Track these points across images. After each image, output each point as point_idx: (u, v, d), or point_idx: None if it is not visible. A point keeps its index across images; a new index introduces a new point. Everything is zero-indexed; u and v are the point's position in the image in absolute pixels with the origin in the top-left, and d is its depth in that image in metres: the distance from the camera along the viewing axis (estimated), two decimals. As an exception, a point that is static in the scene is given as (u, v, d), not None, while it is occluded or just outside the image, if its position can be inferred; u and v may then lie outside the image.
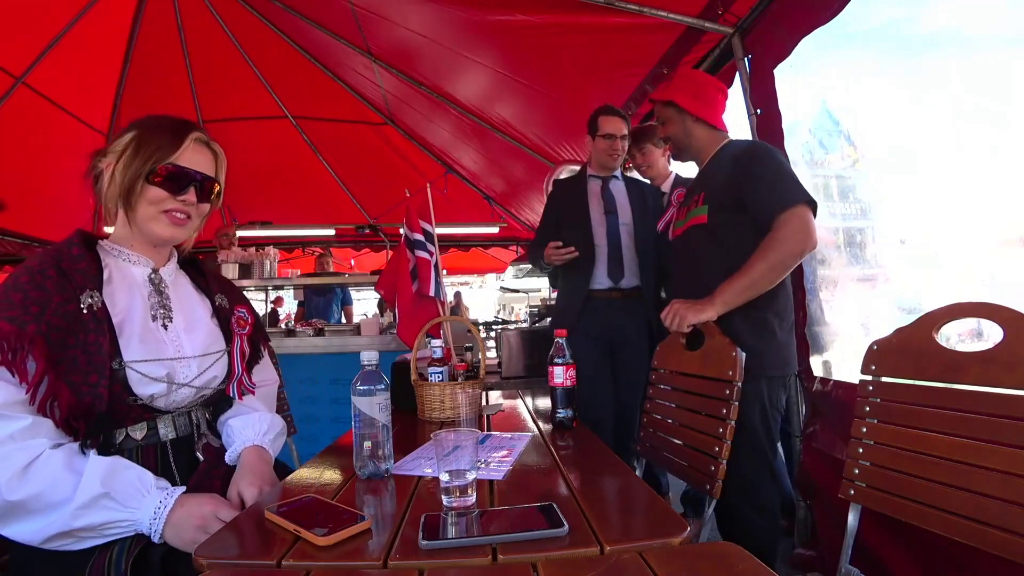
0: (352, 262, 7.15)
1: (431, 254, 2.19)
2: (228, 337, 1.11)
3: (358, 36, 3.28)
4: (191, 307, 1.09)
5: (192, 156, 1.01)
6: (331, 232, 5.72)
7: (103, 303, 0.92)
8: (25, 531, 0.80)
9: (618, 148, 2.17)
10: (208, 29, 3.59)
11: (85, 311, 0.89)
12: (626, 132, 2.18)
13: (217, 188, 1.06)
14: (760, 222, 1.43)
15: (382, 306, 4.42)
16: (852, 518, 1.05)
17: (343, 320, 5.48)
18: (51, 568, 0.83)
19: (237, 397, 1.09)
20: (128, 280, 1.00)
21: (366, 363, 0.98)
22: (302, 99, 4.36)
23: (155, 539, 0.83)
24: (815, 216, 1.41)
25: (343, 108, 4.32)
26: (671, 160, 2.37)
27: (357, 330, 3.30)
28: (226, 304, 1.15)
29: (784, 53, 1.77)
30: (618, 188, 2.25)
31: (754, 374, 1.40)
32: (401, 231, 2.35)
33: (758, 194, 1.44)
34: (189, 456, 1.02)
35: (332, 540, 0.67)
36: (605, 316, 2.13)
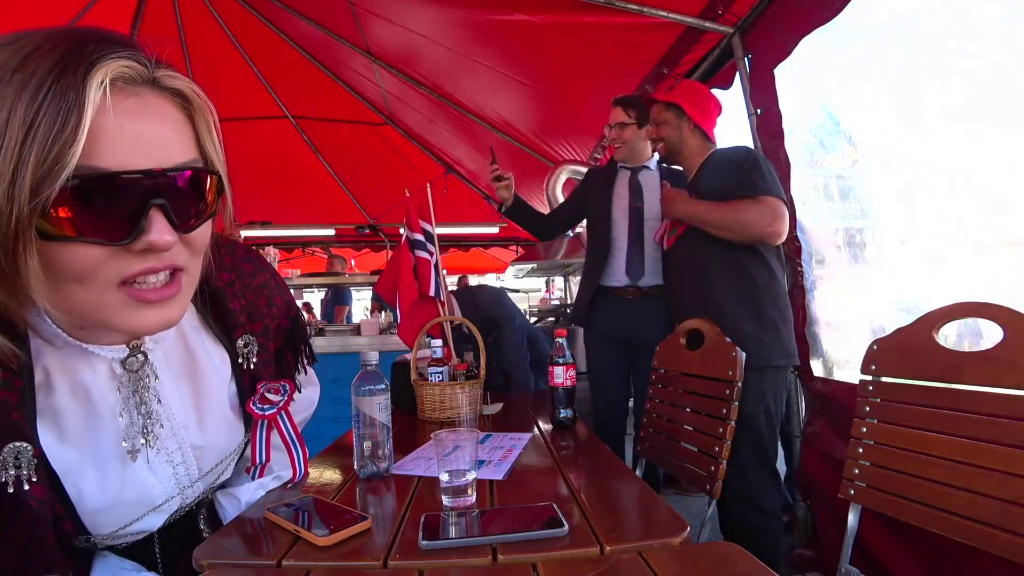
0: (352, 262, 7.15)
1: (431, 254, 2.18)
2: (248, 416, 0.76)
3: (358, 36, 3.28)
4: (198, 392, 0.70)
5: (122, 127, 0.45)
6: (331, 232, 5.72)
7: (41, 457, 0.53)
8: None
9: (612, 136, 2.09)
10: (208, 29, 3.59)
11: (10, 489, 0.50)
12: (622, 119, 2.07)
13: (213, 179, 0.53)
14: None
15: (381, 308, 4.42)
16: (852, 518, 1.05)
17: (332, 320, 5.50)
18: None
19: (259, 474, 0.80)
20: (84, 388, 0.58)
21: (366, 363, 0.98)
22: (302, 99, 4.36)
23: None
24: (790, 217, 1.54)
25: (343, 108, 4.32)
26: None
27: (357, 330, 3.30)
28: (254, 352, 0.76)
29: (784, 53, 1.77)
30: (649, 179, 2.09)
31: (759, 364, 1.45)
32: (401, 231, 2.34)
33: (740, 189, 1.54)
34: (189, 527, 0.76)
35: (332, 540, 0.67)
36: (619, 315, 2.03)
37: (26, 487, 0.50)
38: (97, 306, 0.48)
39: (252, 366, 0.76)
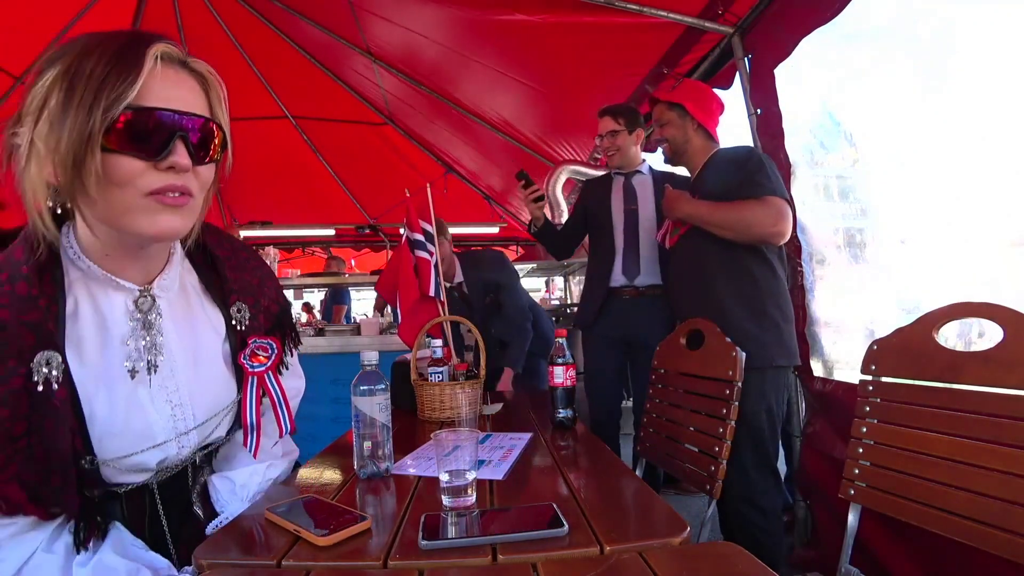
0: (352, 262, 7.15)
1: (431, 254, 2.19)
2: (240, 373, 0.83)
3: (358, 36, 3.28)
4: (195, 339, 0.79)
5: (165, 84, 0.62)
6: (331, 232, 5.72)
7: (66, 368, 0.64)
8: None
9: (605, 145, 2.15)
10: (208, 29, 3.59)
11: (40, 387, 0.62)
12: (613, 127, 2.12)
13: (219, 133, 0.68)
14: None
15: (383, 307, 4.43)
16: (852, 518, 1.05)
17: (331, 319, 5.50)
18: None
19: (253, 455, 0.83)
20: (101, 316, 0.70)
21: (366, 363, 0.98)
22: (302, 99, 4.36)
23: None
24: (792, 218, 1.52)
25: (343, 108, 4.32)
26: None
27: (357, 330, 3.30)
28: (245, 319, 0.84)
29: (784, 53, 1.77)
30: (642, 182, 2.17)
31: (760, 364, 1.44)
32: (401, 231, 2.34)
33: (743, 188, 1.53)
34: (182, 498, 0.83)
35: (332, 540, 0.67)
36: (621, 315, 2.07)
37: (55, 387, 0.63)
38: (129, 207, 0.62)
39: (244, 328, 0.85)
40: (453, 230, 2.66)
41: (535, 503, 0.77)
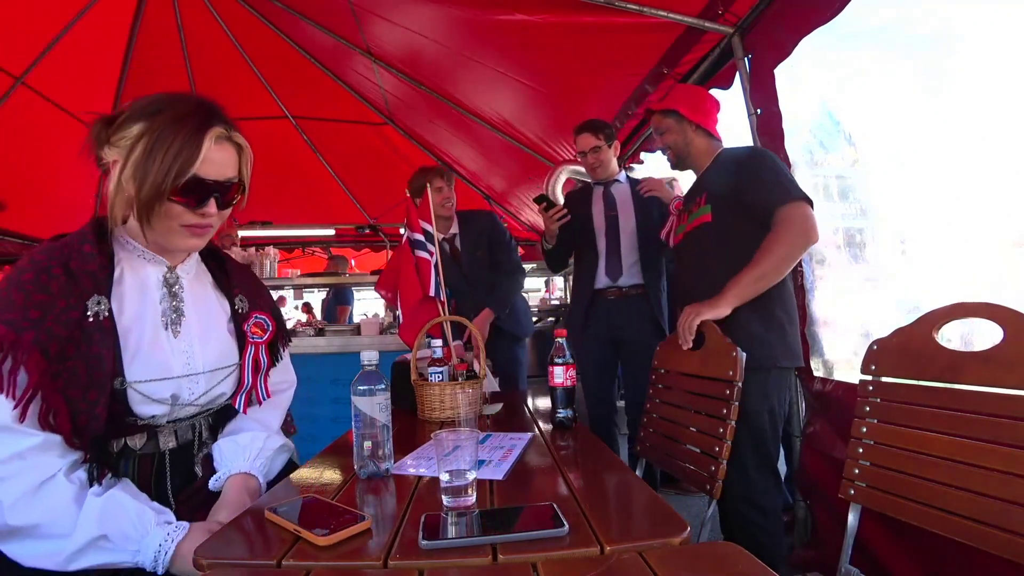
0: (352, 262, 7.15)
1: (431, 254, 2.19)
2: (243, 345, 1.03)
3: (358, 36, 3.28)
4: (207, 311, 1.01)
5: (214, 158, 0.87)
6: (331, 232, 5.71)
7: (111, 311, 0.85)
8: (18, 553, 0.76)
9: (591, 162, 2.28)
10: (208, 29, 3.59)
11: (91, 319, 0.82)
12: (595, 144, 2.26)
13: (241, 193, 0.95)
14: (762, 218, 1.47)
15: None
16: (852, 518, 1.05)
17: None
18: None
19: (242, 410, 1.03)
20: (140, 281, 0.93)
21: (366, 363, 0.98)
22: (302, 99, 4.35)
23: (160, 573, 0.80)
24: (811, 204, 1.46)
25: (343, 108, 4.32)
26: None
27: (357, 330, 3.30)
28: (246, 307, 1.07)
29: (784, 53, 1.77)
30: (620, 191, 2.33)
31: (764, 364, 1.44)
32: (401, 231, 2.35)
33: (759, 192, 1.49)
34: (187, 466, 0.99)
35: (332, 540, 0.67)
36: (607, 315, 2.20)
37: (101, 319, 0.84)
38: (170, 231, 0.90)
39: (244, 311, 1.07)
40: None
41: (535, 503, 0.77)
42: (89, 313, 0.82)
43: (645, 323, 2.16)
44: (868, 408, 1.07)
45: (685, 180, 2.14)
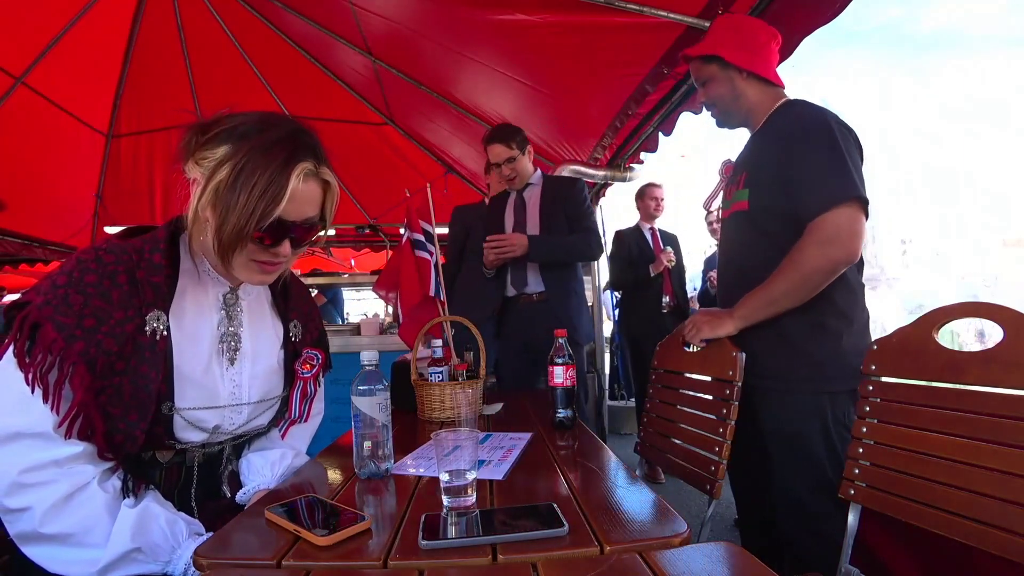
0: (352, 262, 7.15)
1: (431, 254, 2.19)
2: (289, 376, 1.03)
3: (358, 35, 3.28)
4: (263, 339, 0.98)
5: (298, 197, 0.81)
6: (331, 232, 5.71)
7: (168, 329, 0.82)
8: (47, 558, 0.75)
9: (506, 173, 2.27)
10: (208, 29, 3.59)
11: (147, 335, 0.79)
12: (508, 155, 2.24)
13: (317, 228, 0.89)
14: (800, 220, 1.21)
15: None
16: (852, 518, 1.05)
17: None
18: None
19: (282, 435, 1.05)
20: (201, 300, 0.90)
21: (366, 363, 0.98)
22: (302, 99, 4.35)
23: None
24: (866, 215, 1.17)
25: (343, 108, 4.32)
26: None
27: (357, 330, 3.30)
28: (299, 335, 1.05)
29: (784, 53, 1.77)
30: (532, 195, 2.31)
31: (813, 388, 1.23)
32: (401, 231, 2.34)
33: (801, 186, 1.21)
34: (212, 479, 1.00)
35: (332, 540, 0.67)
36: (516, 321, 2.25)
37: (158, 338, 0.81)
38: (240, 263, 0.85)
39: (297, 340, 1.05)
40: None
41: (535, 503, 0.77)
42: (147, 328, 0.79)
43: (553, 326, 2.00)
44: (868, 408, 1.07)
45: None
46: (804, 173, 1.21)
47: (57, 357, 0.73)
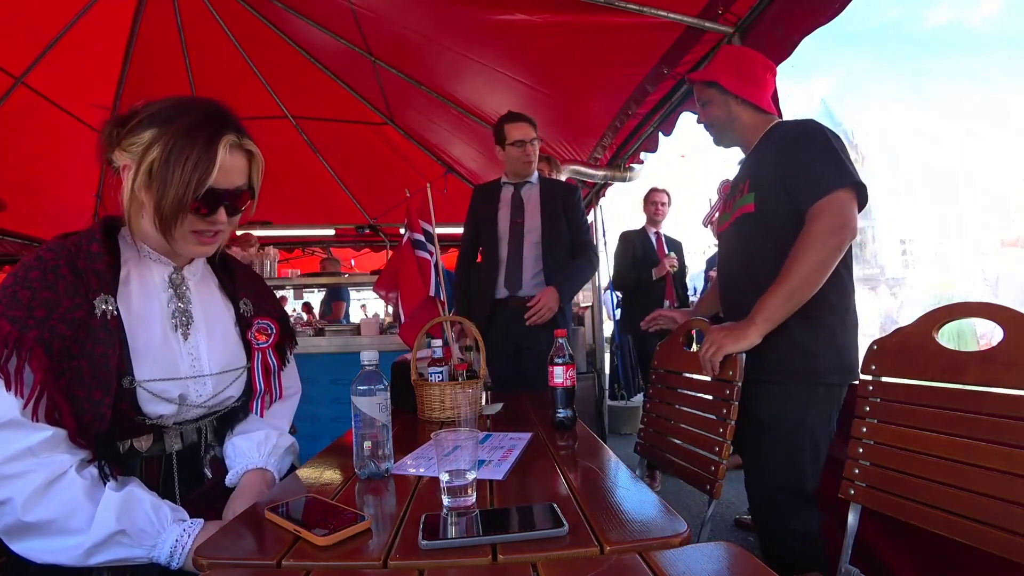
0: (352, 262, 7.15)
1: (431, 254, 2.19)
2: (250, 350, 1.04)
3: (358, 36, 3.28)
4: (214, 314, 1.01)
5: (226, 167, 0.87)
6: (331, 232, 5.71)
7: (118, 311, 0.85)
8: (33, 550, 0.76)
9: (530, 153, 2.20)
10: (208, 29, 3.59)
11: (97, 317, 0.82)
12: (535, 136, 2.21)
13: (251, 199, 0.95)
14: (801, 212, 1.27)
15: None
16: (852, 518, 1.05)
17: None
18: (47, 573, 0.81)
19: (259, 414, 1.05)
20: (147, 282, 0.93)
21: (366, 363, 0.98)
22: (302, 99, 4.35)
23: (174, 567, 0.81)
24: (864, 200, 1.25)
25: (343, 108, 4.32)
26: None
27: (357, 330, 3.30)
28: (250, 311, 1.07)
29: (784, 53, 1.77)
30: (530, 194, 2.25)
31: (810, 381, 1.28)
32: (401, 231, 2.35)
33: (799, 179, 1.29)
34: (194, 468, 1.00)
35: (332, 540, 0.67)
36: (506, 324, 2.17)
37: (108, 318, 0.83)
38: (179, 236, 0.89)
39: (249, 315, 1.06)
40: (453, 230, 2.65)
41: (535, 503, 0.77)
42: (96, 311, 0.82)
43: (546, 332, 2.00)
44: (868, 408, 1.07)
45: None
46: (800, 168, 1.29)
47: (14, 347, 0.76)
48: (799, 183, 1.28)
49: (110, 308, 0.84)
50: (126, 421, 0.86)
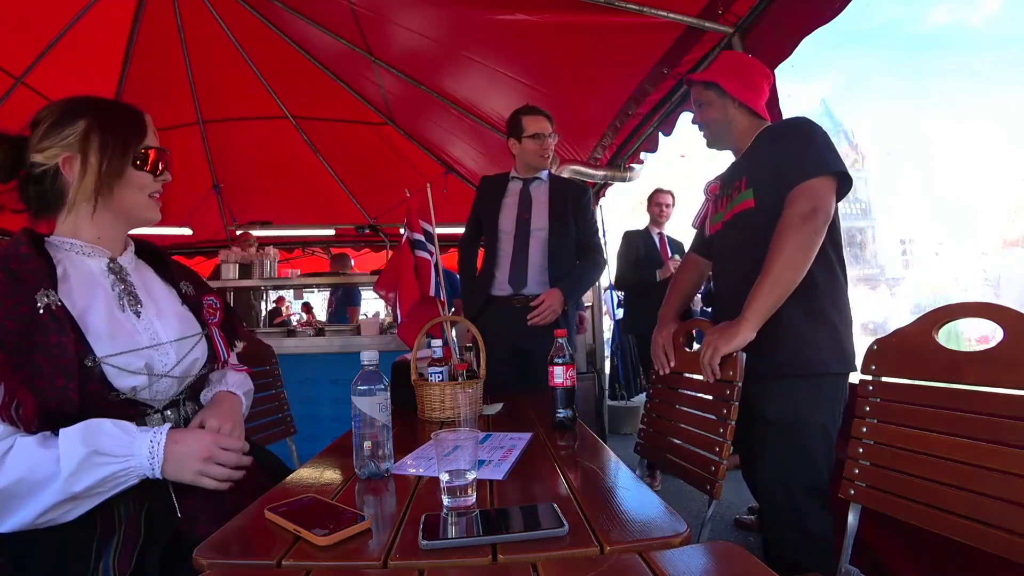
0: (352, 262, 7.15)
1: (431, 254, 2.19)
2: (202, 323, 1.08)
3: (358, 36, 3.28)
4: (159, 294, 1.05)
5: (152, 129, 1.00)
6: (331, 232, 5.72)
7: (61, 302, 0.86)
8: (19, 519, 0.77)
9: (548, 147, 2.16)
10: (208, 29, 3.59)
11: (42, 311, 0.82)
12: (552, 130, 2.17)
13: (169, 157, 1.05)
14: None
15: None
16: (852, 518, 1.05)
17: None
18: (48, 572, 0.81)
19: (229, 358, 1.13)
20: (85, 274, 0.94)
21: (366, 363, 0.98)
22: (302, 99, 4.36)
23: (157, 476, 0.84)
24: (847, 187, 1.30)
25: (343, 108, 4.32)
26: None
27: (357, 330, 3.30)
28: (192, 292, 1.11)
29: (784, 53, 1.77)
30: (539, 191, 2.19)
31: (814, 370, 1.30)
32: (401, 231, 2.35)
33: (788, 168, 1.32)
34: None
35: (332, 540, 0.67)
36: (508, 322, 2.09)
37: (53, 308, 0.84)
38: (138, 203, 0.99)
39: (192, 295, 1.11)
40: (453, 230, 2.64)
41: (535, 503, 0.77)
42: (39, 305, 0.82)
43: (549, 333, 1.77)
44: (868, 408, 1.07)
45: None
46: (788, 159, 1.33)
47: None
48: (786, 171, 1.32)
49: (53, 300, 0.84)
50: (101, 401, 0.87)
